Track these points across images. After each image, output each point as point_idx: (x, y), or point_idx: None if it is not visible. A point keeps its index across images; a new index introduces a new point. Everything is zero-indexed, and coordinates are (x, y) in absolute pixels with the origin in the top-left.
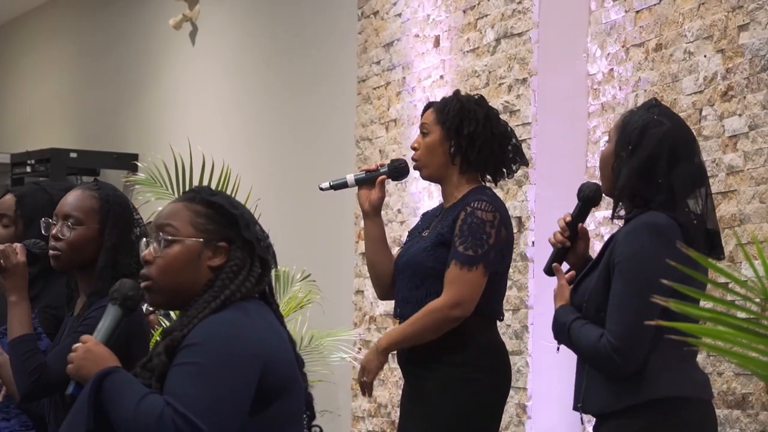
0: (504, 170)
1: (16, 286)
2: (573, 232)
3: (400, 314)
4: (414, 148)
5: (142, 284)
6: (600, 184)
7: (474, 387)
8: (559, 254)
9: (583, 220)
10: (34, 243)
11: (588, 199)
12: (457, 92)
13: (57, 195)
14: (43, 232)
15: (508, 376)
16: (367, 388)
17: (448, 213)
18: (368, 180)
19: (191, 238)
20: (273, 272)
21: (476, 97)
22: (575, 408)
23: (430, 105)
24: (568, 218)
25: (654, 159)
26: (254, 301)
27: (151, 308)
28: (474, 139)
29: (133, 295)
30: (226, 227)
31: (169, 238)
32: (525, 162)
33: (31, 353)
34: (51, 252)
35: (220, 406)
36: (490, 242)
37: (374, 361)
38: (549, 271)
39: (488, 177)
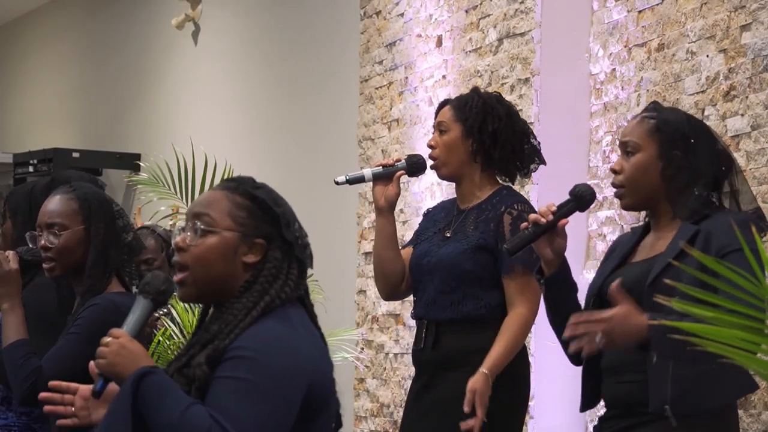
0: (523, 169)
1: (9, 294)
2: (551, 224)
3: (424, 316)
4: (431, 146)
5: (176, 277)
6: (624, 193)
7: (500, 389)
8: (529, 238)
9: (565, 216)
10: (26, 250)
11: (582, 199)
12: (476, 89)
13: (36, 186)
14: (29, 245)
15: (528, 376)
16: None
17: (475, 214)
18: (385, 175)
19: (229, 231)
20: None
21: (495, 94)
22: (659, 410)
23: (446, 102)
24: (554, 208)
25: (717, 149)
26: (294, 307)
27: (157, 314)
28: (497, 137)
29: (166, 289)
30: (266, 223)
31: (205, 228)
32: (542, 161)
33: (26, 358)
34: (45, 265)
35: (267, 427)
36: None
37: (485, 387)
38: (511, 249)
39: (504, 177)
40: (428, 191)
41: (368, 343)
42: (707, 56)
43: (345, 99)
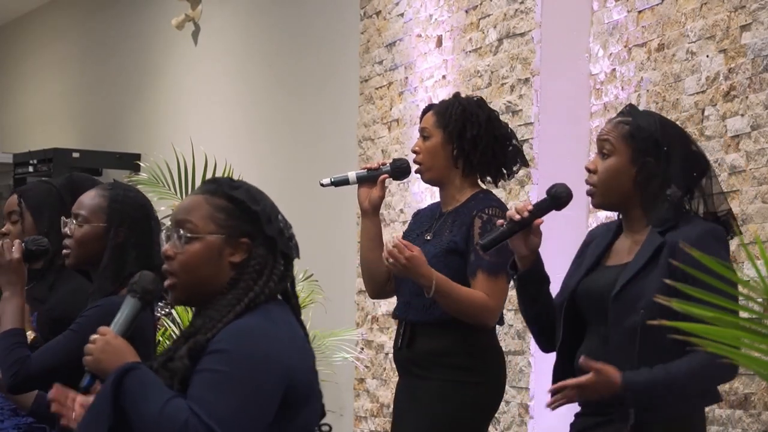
0: (505, 172)
1: (10, 282)
2: (527, 222)
3: (401, 316)
4: (415, 152)
5: (166, 283)
6: (596, 194)
7: (472, 391)
8: (503, 234)
9: (540, 216)
10: (33, 240)
11: (559, 199)
12: (457, 95)
13: (59, 184)
14: (62, 229)
15: (503, 382)
16: (397, 261)
17: (452, 217)
18: (369, 178)
19: (212, 235)
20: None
21: (476, 99)
22: (624, 415)
23: (429, 108)
24: (530, 206)
25: (691, 153)
26: (276, 303)
27: (161, 312)
28: (477, 142)
29: (153, 288)
30: (247, 222)
31: (190, 235)
32: (525, 163)
33: (15, 346)
34: (63, 251)
35: (245, 418)
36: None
37: (424, 267)
38: (486, 246)
39: (488, 179)
40: (428, 191)
41: (368, 343)
42: (707, 56)
43: (345, 99)
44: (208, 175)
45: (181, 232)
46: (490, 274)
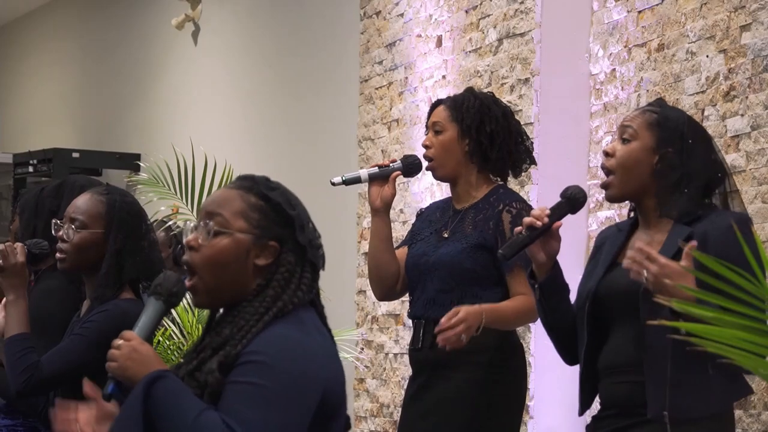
0: (516, 169)
1: (14, 286)
2: (547, 227)
3: (422, 315)
4: (426, 146)
5: (187, 283)
6: (612, 188)
7: (501, 388)
8: (524, 242)
9: (559, 219)
10: (35, 243)
11: (576, 201)
12: (470, 89)
13: (47, 187)
14: (53, 233)
15: (526, 376)
16: (453, 339)
17: (473, 213)
18: (381, 176)
19: (241, 232)
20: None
21: (490, 94)
22: (657, 416)
23: (439, 102)
24: (547, 211)
25: (711, 148)
26: (306, 310)
27: None
28: (494, 137)
29: (178, 291)
30: (280, 226)
31: (218, 228)
32: (533, 161)
33: (25, 352)
34: (57, 255)
35: None
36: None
37: (475, 319)
38: (507, 254)
39: (497, 176)
40: (428, 191)
41: (368, 343)
42: (707, 56)
43: (345, 99)
44: (208, 175)
45: (210, 224)
46: (527, 269)
